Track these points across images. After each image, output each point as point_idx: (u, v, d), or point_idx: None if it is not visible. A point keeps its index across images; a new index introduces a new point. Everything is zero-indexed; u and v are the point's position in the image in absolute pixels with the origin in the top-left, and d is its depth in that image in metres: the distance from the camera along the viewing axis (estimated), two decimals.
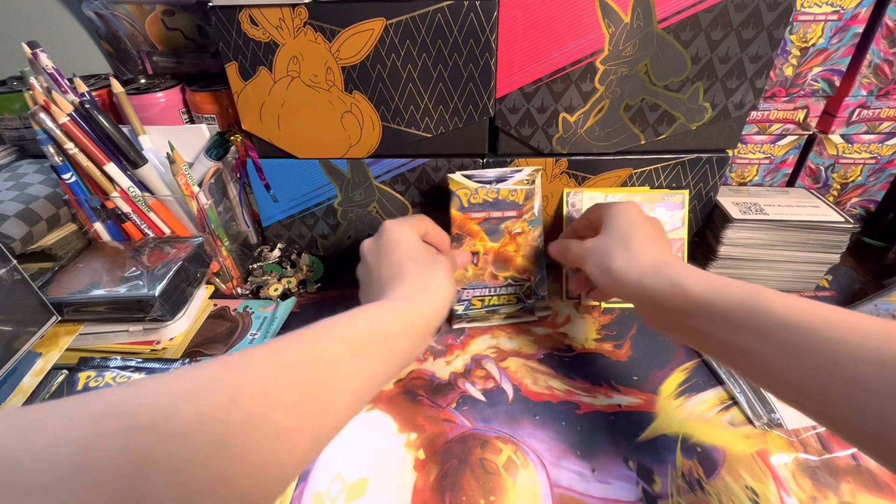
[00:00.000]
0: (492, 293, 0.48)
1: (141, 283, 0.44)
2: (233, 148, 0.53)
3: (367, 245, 0.39)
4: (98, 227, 0.51)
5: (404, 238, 0.37)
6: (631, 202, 0.40)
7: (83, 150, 0.46)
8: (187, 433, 0.17)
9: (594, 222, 0.41)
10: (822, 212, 0.49)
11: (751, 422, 0.38)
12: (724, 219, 0.49)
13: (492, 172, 0.47)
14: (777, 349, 0.25)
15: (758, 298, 0.27)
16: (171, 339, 0.46)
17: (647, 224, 0.37)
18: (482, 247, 0.48)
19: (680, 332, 0.32)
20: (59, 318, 0.43)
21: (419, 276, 0.34)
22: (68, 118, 0.44)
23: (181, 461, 0.17)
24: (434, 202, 0.53)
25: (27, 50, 0.46)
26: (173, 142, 0.47)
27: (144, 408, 0.17)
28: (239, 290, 0.55)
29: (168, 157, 0.46)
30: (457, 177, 0.47)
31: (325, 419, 0.23)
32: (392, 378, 0.40)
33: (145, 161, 0.48)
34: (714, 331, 0.28)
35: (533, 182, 0.47)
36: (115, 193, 0.49)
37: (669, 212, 0.51)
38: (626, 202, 0.39)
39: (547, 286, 0.49)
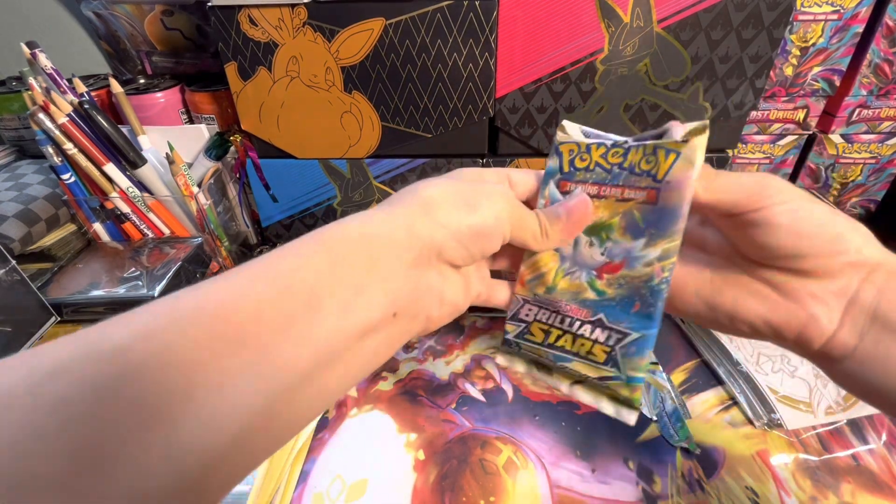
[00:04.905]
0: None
1: (140, 283, 0.44)
2: (232, 148, 0.53)
3: None
4: (97, 227, 0.51)
5: (467, 169, 0.25)
6: None
7: (82, 151, 0.46)
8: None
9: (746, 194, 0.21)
10: None
11: (751, 422, 0.38)
12: None
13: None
14: None
15: None
16: None
17: None
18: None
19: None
20: (59, 319, 0.43)
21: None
22: (67, 118, 0.44)
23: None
24: None
25: (26, 50, 0.46)
26: (172, 142, 0.47)
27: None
28: None
29: (167, 157, 0.46)
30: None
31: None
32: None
33: (144, 161, 0.48)
34: None
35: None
36: (114, 194, 0.49)
37: None
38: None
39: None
